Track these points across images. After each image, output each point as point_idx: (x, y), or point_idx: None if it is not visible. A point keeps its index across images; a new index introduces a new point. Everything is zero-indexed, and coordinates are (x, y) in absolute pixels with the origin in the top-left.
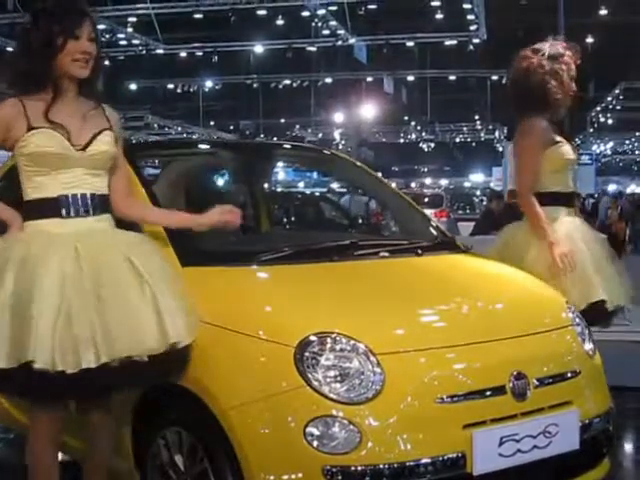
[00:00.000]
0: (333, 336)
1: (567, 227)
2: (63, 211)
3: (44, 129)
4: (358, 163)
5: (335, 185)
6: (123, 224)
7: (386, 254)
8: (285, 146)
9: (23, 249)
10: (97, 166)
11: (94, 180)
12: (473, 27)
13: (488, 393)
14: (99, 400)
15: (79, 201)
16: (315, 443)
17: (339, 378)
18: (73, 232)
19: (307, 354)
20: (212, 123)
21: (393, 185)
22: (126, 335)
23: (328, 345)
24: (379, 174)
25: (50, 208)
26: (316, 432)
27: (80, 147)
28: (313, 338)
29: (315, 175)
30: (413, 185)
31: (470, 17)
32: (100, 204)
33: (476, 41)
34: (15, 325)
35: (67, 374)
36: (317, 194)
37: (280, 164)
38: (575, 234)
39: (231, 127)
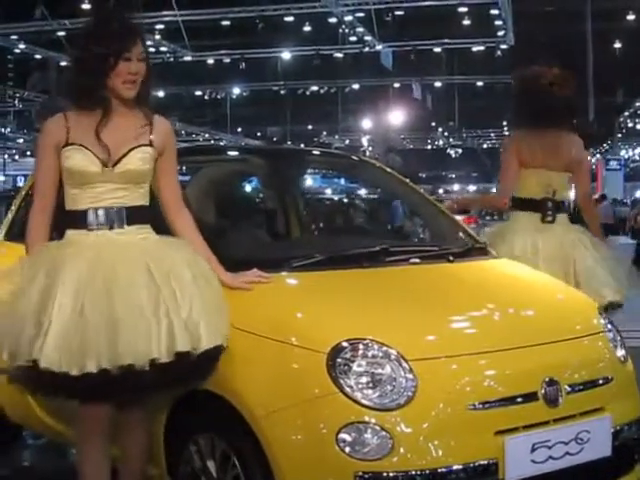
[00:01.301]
0: (365, 342)
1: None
2: (89, 223)
3: (77, 146)
4: (387, 169)
5: (364, 191)
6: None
7: (417, 260)
8: (314, 152)
9: (51, 258)
10: (128, 181)
11: (124, 194)
12: (500, 33)
13: (520, 399)
14: (133, 403)
15: (104, 215)
16: (347, 449)
17: (371, 384)
18: (95, 244)
19: (339, 360)
20: (239, 130)
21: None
22: (129, 344)
23: (360, 351)
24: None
25: (79, 220)
26: (348, 438)
27: (112, 164)
28: (345, 344)
29: (343, 181)
30: (441, 191)
31: (497, 23)
32: (130, 216)
33: (503, 47)
34: (33, 328)
35: (72, 376)
36: (347, 200)
37: (309, 170)
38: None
39: (258, 134)
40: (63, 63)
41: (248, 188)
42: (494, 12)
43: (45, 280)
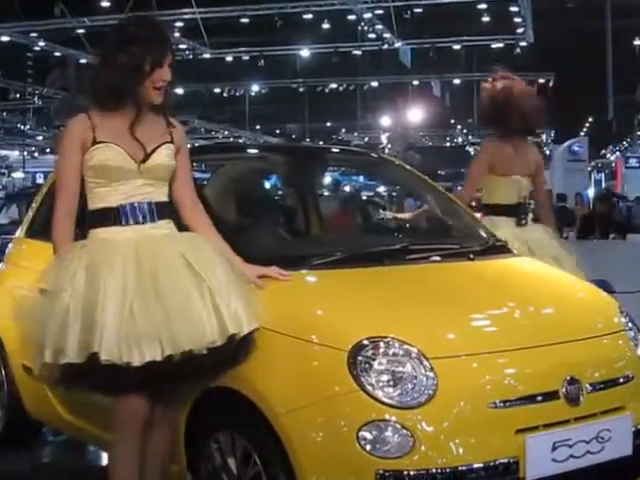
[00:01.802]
0: (386, 340)
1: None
2: (122, 219)
3: (107, 143)
4: (407, 166)
5: (383, 189)
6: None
7: (438, 258)
8: (334, 150)
9: (88, 255)
10: (156, 177)
11: (152, 190)
12: (520, 30)
13: (541, 398)
14: (166, 398)
15: (137, 210)
16: (368, 447)
17: (392, 382)
18: (132, 238)
19: (360, 358)
20: (258, 127)
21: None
22: (187, 329)
23: (381, 349)
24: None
25: (110, 217)
26: (369, 436)
27: (140, 160)
28: (366, 342)
29: (362, 179)
30: (459, 188)
31: (517, 20)
32: (158, 211)
33: (523, 44)
34: (84, 324)
35: (133, 367)
36: (366, 197)
37: (329, 167)
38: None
39: (277, 131)
40: (82, 61)
41: (268, 186)
42: (513, 9)
43: (87, 278)
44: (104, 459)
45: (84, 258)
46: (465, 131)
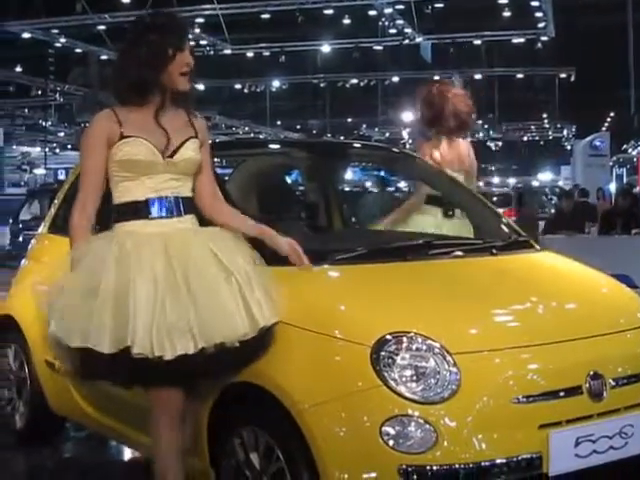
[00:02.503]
0: (409, 335)
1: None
2: (150, 213)
3: (135, 137)
4: (429, 161)
5: (404, 184)
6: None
7: (460, 253)
8: (356, 145)
9: (117, 248)
10: (182, 172)
11: (178, 184)
12: (541, 25)
13: (564, 393)
14: (195, 391)
15: (165, 204)
16: (391, 442)
17: (415, 377)
18: (160, 232)
19: (383, 353)
20: (279, 123)
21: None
22: (219, 322)
23: (404, 344)
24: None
25: (138, 210)
26: (392, 431)
27: (168, 154)
28: (389, 337)
29: (382, 174)
30: (481, 184)
31: (538, 14)
32: (184, 206)
33: (544, 39)
34: (116, 317)
35: (165, 361)
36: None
37: (351, 163)
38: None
39: (298, 127)
40: (104, 57)
41: (290, 181)
42: (534, 4)
43: (117, 271)
44: (127, 454)
45: (113, 253)
46: (486, 126)
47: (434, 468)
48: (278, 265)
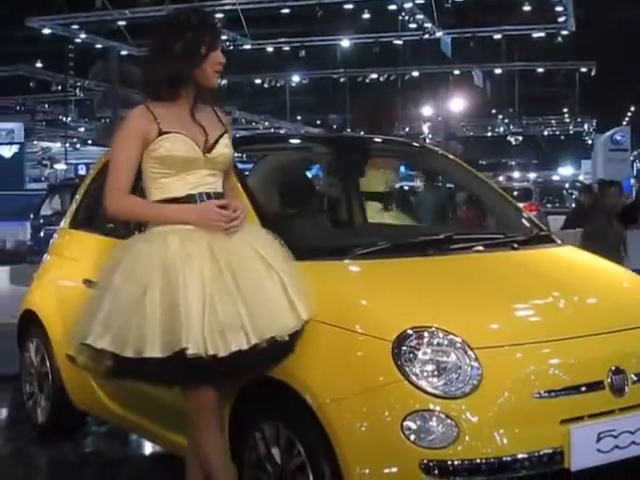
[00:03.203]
0: (430, 330)
1: None
2: None
3: (175, 133)
4: (450, 156)
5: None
6: None
7: (481, 248)
8: (377, 139)
9: (163, 249)
10: (218, 167)
11: (214, 180)
12: (561, 18)
13: (586, 388)
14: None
15: (205, 199)
16: (412, 437)
17: (436, 372)
18: (202, 229)
19: (404, 348)
20: (299, 118)
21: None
22: (269, 318)
23: (425, 339)
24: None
25: None
26: (413, 426)
27: (206, 150)
28: (410, 332)
29: (403, 168)
30: (501, 179)
31: (558, 8)
32: None
33: (564, 33)
34: (167, 319)
35: (218, 358)
36: (408, 188)
37: (372, 158)
38: None
39: (318, 122)
40: (124, 53)
41: (311, 176)
42: None
43: (164, 276)
44: (148, 449)
45: (159, 252)
46: (506, 121)
47: (455, 463)
48: (300, 260)
